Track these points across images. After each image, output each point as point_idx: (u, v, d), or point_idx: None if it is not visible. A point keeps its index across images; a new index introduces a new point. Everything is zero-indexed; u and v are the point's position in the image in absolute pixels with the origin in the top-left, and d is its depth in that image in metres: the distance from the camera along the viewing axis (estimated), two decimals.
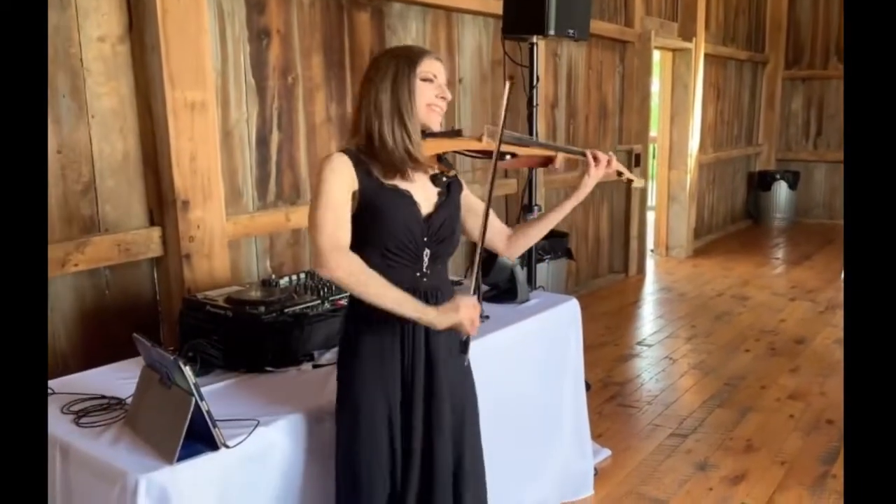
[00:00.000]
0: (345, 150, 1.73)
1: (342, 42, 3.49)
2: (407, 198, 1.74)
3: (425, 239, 1.76)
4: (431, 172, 1.80)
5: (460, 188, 1.89)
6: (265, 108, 3.18)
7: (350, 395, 1.78)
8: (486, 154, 1.83)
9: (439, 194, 1.81)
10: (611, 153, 1.93)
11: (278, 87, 3.22)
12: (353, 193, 1.70)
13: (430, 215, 1.77)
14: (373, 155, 1.72)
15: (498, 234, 2.01)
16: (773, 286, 6.19)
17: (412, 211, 1.74)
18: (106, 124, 2.63)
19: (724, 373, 4.20)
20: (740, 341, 4.76)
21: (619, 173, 1.97)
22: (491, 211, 1.86)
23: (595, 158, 1.90)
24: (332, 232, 1.64)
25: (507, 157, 1.85)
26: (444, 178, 1.81)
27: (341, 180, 1.68)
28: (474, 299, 1.74)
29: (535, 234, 2.03)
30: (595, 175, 1.90)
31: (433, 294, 1.79)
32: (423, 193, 1.77)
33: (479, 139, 1.83)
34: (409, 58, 1.72)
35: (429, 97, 1.73)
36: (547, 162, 1.91)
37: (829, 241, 7.97)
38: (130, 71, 2.67)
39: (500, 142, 1.78)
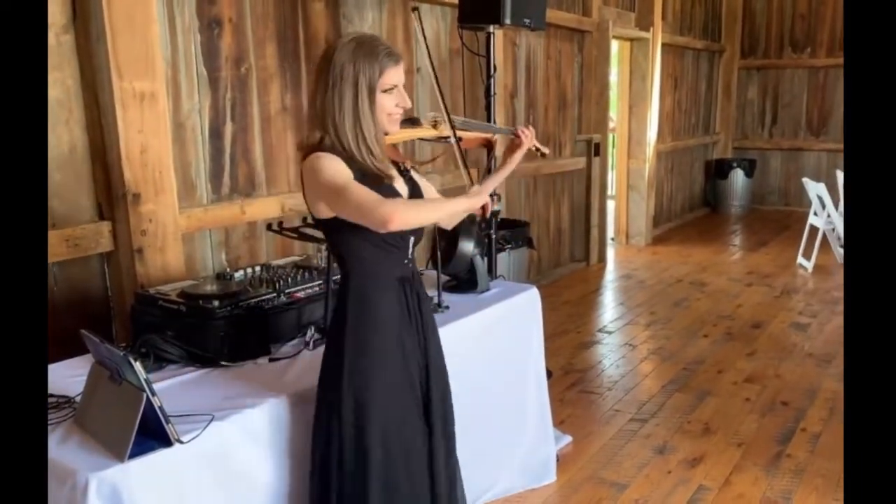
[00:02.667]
0: (321, 149, 1.71)
1: (297, 31, 3.43)
2: (393, 189, 1.77)
3: None
4: (395, 162, 1.84)
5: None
6: (218, 98, 3.12)
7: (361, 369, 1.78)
8: (441, 139, 1.97)
9: (406, 182, 1.86)
10: (531, 128, 2.10)
11: (231, 77, 3.16)
12: None
13: None
14: (348, 156, 1.71)
15: None
16: (730, 272, 6.30)
17: None
18: (51, 116, 2.54)
19: (683, 358, 4.27)
20: (698, 327, 4.84)
21: (536, 148, 2.16)
22: (433, 187, 1.99)
23: (523, 133, 2.08)
24: (370, 197, 1.59)
25: (460, 140, 1.98)
26: (405, 168, 1.86)
27: (341, 165, 1.67)
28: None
29: None
30: (525, 146, 2.07)
31: (414, 278, 1.86)
32: (400, 183, 1.82)
33: (435, 126, 1.94)
34: (370, 66, 1.66)
35: (389, 107, 1.73)
36: (487, 143, 2.09)
37: (784, 227, 8.13)
38: (76, 61, 2.60)
39: (454, 127, 1.93)
